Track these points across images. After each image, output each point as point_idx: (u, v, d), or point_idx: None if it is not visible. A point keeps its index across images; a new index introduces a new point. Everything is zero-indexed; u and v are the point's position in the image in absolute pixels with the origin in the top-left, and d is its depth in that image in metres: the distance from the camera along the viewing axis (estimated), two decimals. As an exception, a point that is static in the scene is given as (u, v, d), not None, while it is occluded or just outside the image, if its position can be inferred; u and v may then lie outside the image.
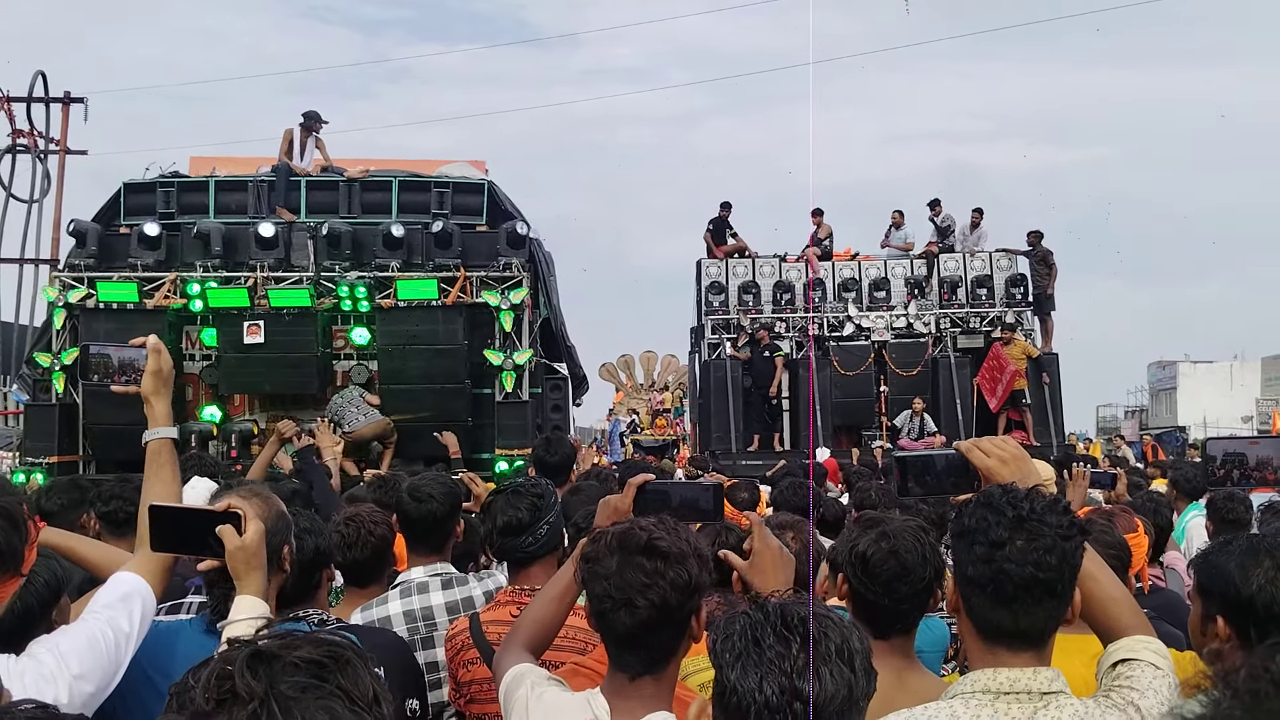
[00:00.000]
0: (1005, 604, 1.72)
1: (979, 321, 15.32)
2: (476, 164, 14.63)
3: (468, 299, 11.80)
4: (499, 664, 2.19)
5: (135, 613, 2.14)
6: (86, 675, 1.96)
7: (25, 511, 1.94)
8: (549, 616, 2.23)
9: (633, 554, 1.90)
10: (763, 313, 15.48)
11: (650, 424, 27.55)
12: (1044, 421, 14.72)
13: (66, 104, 19.94)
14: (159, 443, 2.45)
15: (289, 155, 12.70)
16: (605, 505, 2.23)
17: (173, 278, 11.89)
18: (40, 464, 11.66)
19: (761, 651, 1.43)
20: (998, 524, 1.73)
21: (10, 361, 18.70)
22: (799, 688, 1.41)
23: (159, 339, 2.54)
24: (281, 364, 11.80)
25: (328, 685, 1.14)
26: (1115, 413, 52.77)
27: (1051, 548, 1.71)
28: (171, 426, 2.50)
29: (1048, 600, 1.73)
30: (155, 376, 2.48)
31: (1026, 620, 1.73)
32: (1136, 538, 3.46)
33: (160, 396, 2.49)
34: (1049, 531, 1.72)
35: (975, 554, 1.74)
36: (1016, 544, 1.71)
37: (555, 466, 5.02)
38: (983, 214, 16.34)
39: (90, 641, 2.01)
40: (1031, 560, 1.70)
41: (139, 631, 2.14)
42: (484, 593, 3.23)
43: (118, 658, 2.05)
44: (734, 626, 1.48)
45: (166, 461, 2.44)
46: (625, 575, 1.89)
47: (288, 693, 1.12)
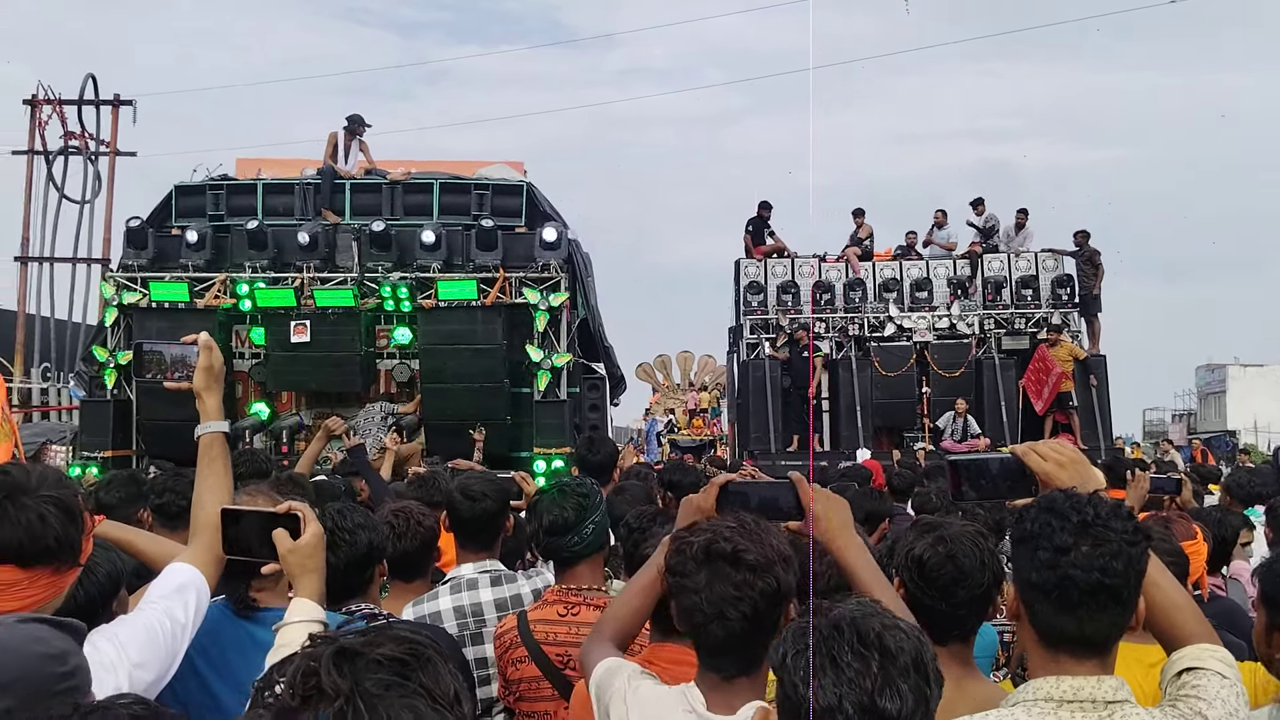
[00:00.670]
0: (1070, 610, 1.68)
1: (1024, 322, 15.06)
2: (515, 165, 14.70)
3: (507, 299, 11.89)
4: (586, 657, 2.19)
5: (190, 603, 2.18)
6: (145, 664, 2.00)
7: (81, 504, 1.98)
8: (635, 610, 2.22)
9: (720, 565, 1.90)
10: (802, 313, 15.34)
11: (687, 424, 27.49)
12: (1091, 424, 14.43)
13: (116, 106, 20.31)
14: (211, 436, 2.49)
15: (333, 158, 12.87)
16: (688, 504, 2.21)
17: (222, 278, 12.12)
18: (95, 458, 11.94)
19: (839, 669, 1.41)
20: (1062, 529, 1.69)
21: (65, 358, 19.10)
22: (880, 706, 1.39)
23: (210, 336, 2.59)
24: (326, 362, 11.99)
25: (410, 683, 1.15)
26: (1162, 416, 51.77)
27: (1117, 553, 1.67)
28: (223, 421, 2.54)
29: (1113, 607, 1.69)
30: (207, 373, 2.52)
31: (1091, 627, 1.69)
32: (1194, 545, 3.38)
33: (212, 392, 2.52)
34: (1115, 537, 1.68)
35: (1039, 560, 1.70)
36: (1082, 549, 1.67)
37: (598, 466, 5.02)
38: (1028, 215, 16.08)
39: (148, 631, 2.05)
40: (1098, 566, 1.66)
41: (194, 621, 2.18)
42: (532, 590, 3.24)
43: (174, 647, 2.10)
44: (805, 640, 1.44)
45: (219, 455, 2.48)
46: (715, 589, 1.88)
47: (372, 690, 1.12)
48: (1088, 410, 14.52)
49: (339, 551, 2.70)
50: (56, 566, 1.92)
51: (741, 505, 2.18)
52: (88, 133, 20.22)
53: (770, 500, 2.17)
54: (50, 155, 19.99)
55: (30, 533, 1.87)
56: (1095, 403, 14.57)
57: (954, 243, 16.10)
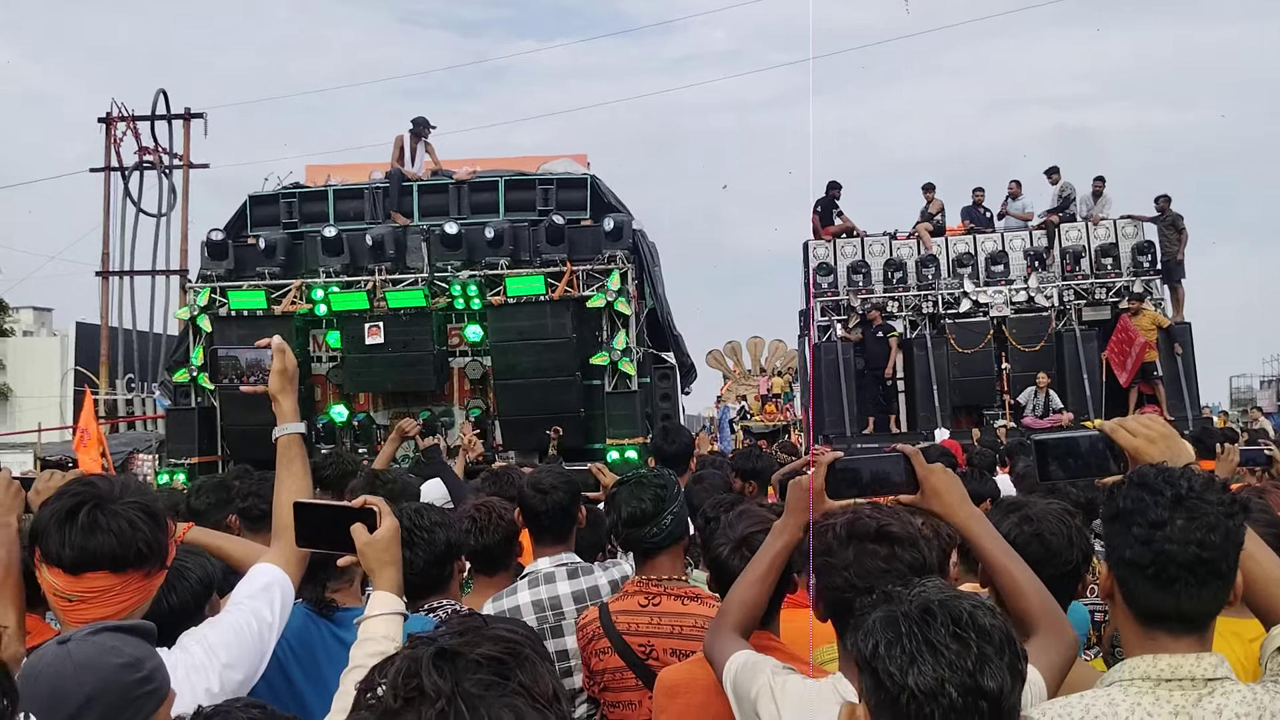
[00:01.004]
0: (1167, 586, 1.64)
1: (1105, 292, 14.58)
2: (579, 158, 14.75)
3: (575, 292, 11.95)
4: (712, 649, 2.19)
5: (276, 602, 2.22)
6: (235, 664, 2.04)
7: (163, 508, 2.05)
8: (754, 598, 2.22)
9: (866, 542, 1.92)
10: (873, 292, 15.04)
11: (760, 410, 27.35)
12: (1177, 394, 13.97)
13: (188, 120, 20.87)
14: (289, 438, 2.52)
15: (400, 161, 13.07)
16: (796, 487, 2.18)
17: (298, 284, 12.40)
18: (181, 464, 12.32)
19: (937, 652, 1.38)
20: (1156, 504, 1.65)
21: (149, 368, 19.74)
22: (983, 686, 1.36)
23: (282, 339, 2.62)
24: (400, 362, 12.21)
25: (510, 683, 1.15)
26: (1250, 383, 49.94)
27: (1215, 526, 1.63)
28: (299, 422, 2.57)
29: (1212, 581, 1.64)
30: (281, 375, 2.55)
31: (1190, 603, 1.65)
32: (1291, 514, 3.26)
33: (287, 394, 2.55)
34: (1210, 509, 1.63)
35: (1133, 536, 1.66)
36: (1177, 524, 1.63)
37: (674, 456, 5.02)
38: (1104, 182, 15.43)
39: (236, 632, 2.09)
40: (1195, 540, 1.62)
41: (280, 620, 2.23)
42: (609, 581, 3.25)
43: (262, 646, 2.14)
44: (898, 628, 1.42)
45: (296, 455, 2.51)
46: (864, 563, 1.90)
47: (473, 690, 1.13)
48: (1173, 380, 14.07)
49: (417, 549, 2.75)
50: (147, 570, 1.98)
51: (852, 481, 2.15)
52: (161, 147, 20.80)
53: (882, 474, 2.13)
54: (126, 171, 20.63)
55: (121, 539, 1.93)
56: (1181, 372, 14.10)
57: (1030, 213, 15.63)
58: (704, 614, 2.73)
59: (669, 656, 2.72)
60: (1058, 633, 1.98)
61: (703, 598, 2.78)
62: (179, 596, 2.30)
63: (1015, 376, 14.34)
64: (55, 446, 17.40)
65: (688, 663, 2.49)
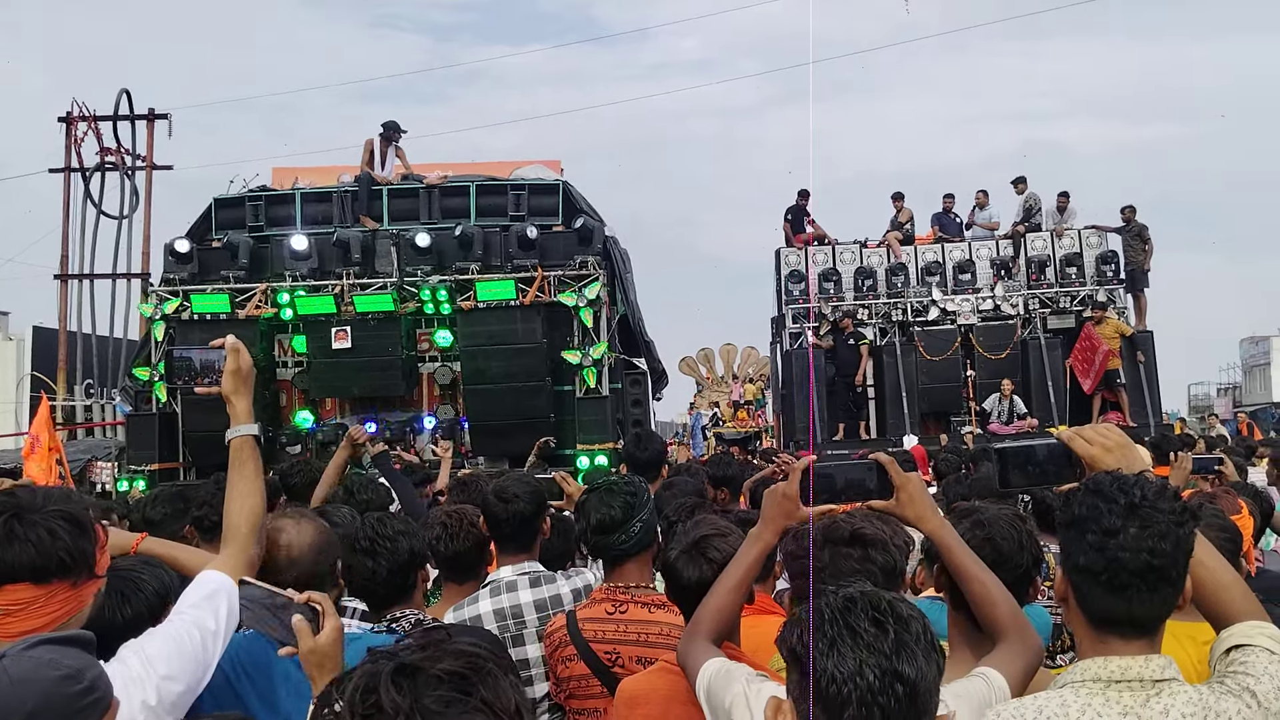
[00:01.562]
0: (1119, 592, 1.68)
1: (1069, 301, 14.84)
2: (551, 164, 14.74)
3: (546, 298, 11.94)
4: (686, 657, 2.19)
5: (221, 610, 2.17)
6: (174, 675, 1.99)
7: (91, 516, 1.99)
8: (728, 606, 2.23)
9: (840, 545, 1.99)
10: (844, 300, 15.21)
11: (732, 416, 27.40)
12: (1140, 401, 14.26)
13: (151, 120, 20.53)
14: (241, 440, 2.49)
15: (370, 165, 13.00)
16: (772, 495, 2.20)
17: (263, 288, 12.27)
18: (141, 471, 12.15)
19: (857, 636, 1.44)
20: (1110, 511, 1.69)
21: (108, 374, 19.44)
22: (899, 669, 1.41)
23: (236, 339, 2.59)
24: (369, 368, 12.12)
25: (472, 699, 1.14)
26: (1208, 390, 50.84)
27: (1165, 534, 1.67)
28: (253, 424, 2.54)
29: (1163, 587, 1.68)
30: (234, 376, 2.52)
31: (1141, 608, 1.69)
32: (1241, 519, 3.34)
33: (240, 395, 2.52)
34: (1162, 518, 1.67)
35: (1088, 542, 1.70)
36: (1130, 531, 1.67)
37: (646, 462, 5.01)
38: (1069, 197, 15.74)
39: (177, 642, 2.04)
40: (1147, 548, 1.66)
41: (226, 628, 2.18)
42: (571, 590, 3.25)
43: (205, 657, 2.08)
44: (821, 615, 1.47)
45: (249, 458, 2.48)
46: (838, 565, 1.98)
47: (432, 707, 1.12)
48: (1136, 387, 14.32)
49: (380, 559, 2.74)
50: (73, 581, 1.93)
51: (827, 487, 2.18)
52: (124, 148, 20.48)
53: (857, 481, 2.16)
54: (87, 172, 20.29)
55: (40, 549, 1.88)
56: (1144, 379, 14.37)
57: (996, 223, 15.86)
58: (671, 622, 2.74)
59: (635, 664, 2.73)
60: (1024, 639, 2.03)
61: (669, 605, 2.79)
62: (134, 608, 2.26)
63: (981, 383, 14.54)
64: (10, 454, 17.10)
65: (648, 672, 2.49)
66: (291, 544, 2.49)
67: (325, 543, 2.54)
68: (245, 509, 2.41)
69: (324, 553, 2.53)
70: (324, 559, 2.53)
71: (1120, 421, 13.45)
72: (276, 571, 2.43)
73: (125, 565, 2.37)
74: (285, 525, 2.53)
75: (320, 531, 2.56)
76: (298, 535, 2.51)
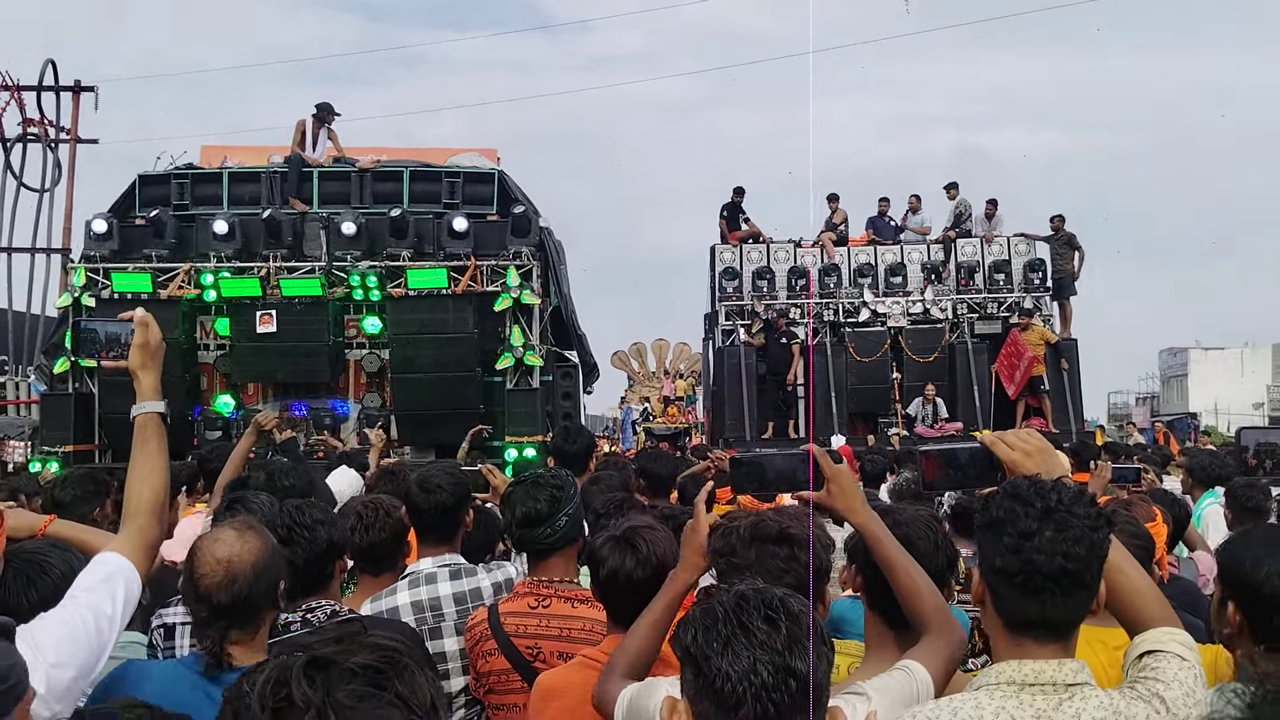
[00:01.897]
0: (1033, 595, 1.71)
1: (996, 307, 15.09)
2: (488, 153, 14.59)
3: (478, 288, 11.83)
4: (603, 696, 2.17)
5: (119, 593, 2.11)
6: (64, 663, 1.93)
7: None
8: (646, 647, 2.20)
9: (768, 543, 2.00)
10: (777, 298, 15.28)
11: (662, 412, 27.52)
12: (1063, 408, 14.49)
13: (77, 93, 19.98)
14: (145, 417, 2.41)
15: (301, 146, 12.73)
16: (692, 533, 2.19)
17: (186, 268, 11.96)
18: (55, 453, 11.75)
19: (750, 634, 1.44)
20: (1026, 515, 1.71)
21: (25, 351, 18.81)
22: (792, 665, 1.43)
23: (145, 312, 2.51)
24: (294, 353, 11.89)
25: (385, 694, 1.12)
26: (1127, 399, 52.60)
27: (1080, 538, 1.70)
28: (159, 401, 2.45)
29: (1076, 591, 1.71)
30: (142, 350, 2.45)
31: (1055, 611, 1.72)
32: (1155, 526, 3.43)
33: (148, 370, 2.45)
34: (1077, 522, 1.70)
35: (1004, 545, 1.72)
36: (1045, 535, 1.70)
37: (574, 456, 4.98)
38: (997, 205, 16.06)
39: (69, 628, 1.98)
40: (1060, 551, 1.69)
41: (123, 612, 2.11)
42: (492, 584, 3.22)
43: (100, 641, 2.03)
44: (714, 614, 1.48)
45: (153, 435, 2.40)
46: (765, 563, 1.99)
47: (345, 701, 1.10)
48: (1059, 394, 14.57)
49: (297, 547, 2.65)
50: None
51: (755, 476, 2.19)
52: (47, 120, 19.87)
53: (786, 472, 2.17)
54: (8, 143, 19.63)
55: None
56: (1067, 387, 14.64)
57: (928, 227, 16.08)
58: (593, 617, 2.73)
59: (556, 659, 2.71)
60: (948, 632, 2.06)
61: (592, 601, 2.77)
62: (40, 592, 2.19)
63: (909, 386, 14.73)
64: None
65: (565, 667, 2.48)
66: (231, 559, 2.22)
67: (268, 561, 2.27)
68: (147, 488, 2.33)
69: (265, 573, 2.25)
70: (264, 579, 2.25)
71: (1043, 427, 13.69)
72: (210, 590, 2.19)
73: (32, 548, 2.30)
74: (226, 536, 2.26)
75: (265, 547, 2.28)
76: (240, 549, 2.24)
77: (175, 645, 2.99)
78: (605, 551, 2.46)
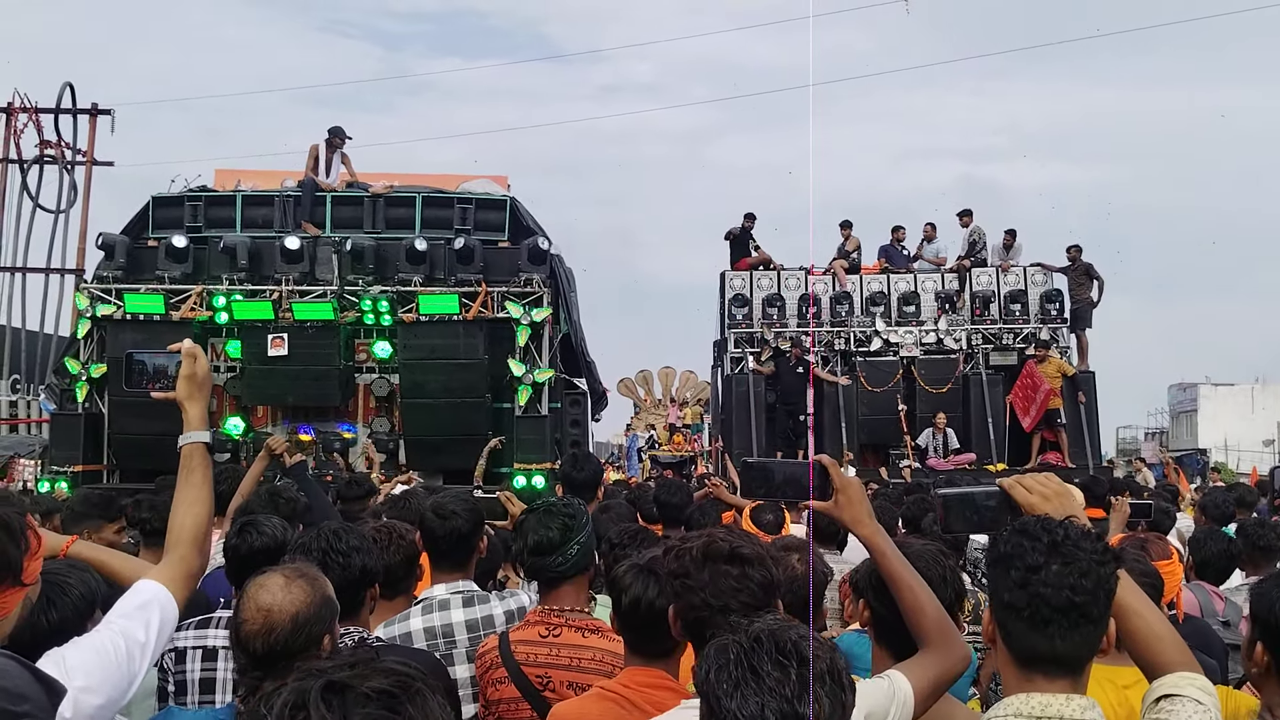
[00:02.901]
0: (1041, 628, 1.72)
1: (1012, 338, 14.77)
2: (499, 179, 14.70)
3: (489, 314, 11.87)
4: None
5: (153, 622, 2.12)
6: (94, 687, 1.93)
7: (27, 522, 1.92)
8: None
9: (720, 563, 2.02)
10: (787, 326, 14.99)
11: (668, 439, 27.50)
12: (1079, 442, 14.14)
13: (94, 115, 20.15)
14: (191, 447, 2.44)
15: (314, 170, 12.83)
16: None
17: (199, 290, 12.03)
18: (65, 472, 11.78)
19: (760, 678, 1.45)
20: (1033, 549, 1.74)
21: (36, 370, 18.89)
22: (800, 712, 1.44)
23: (194, 344, 2.55)
24: (304, 376, 11.91)
25: (399, 717, 1.15)
26: (1135, 434, 52.26)
27: (1086, 572, 1.72)
28: (205, 431, 2.49)
29: (1084, 624, 1.72)
30: (189, 381, 2.48)
31: (1064, 645, 1.73)
32: (1170, 565, 3.41)
33: (194, 401, 2.48)
34: (1084, 556, 1.73)
35: (1011, 579, 1.75)
36: (1052, 568, 1.72)
37: (583, 483, 4.99)
38: (1015, 235, 15.67)
39: (100, 653, 1.98)
40: (1067, 584, 1.71)
41: (156, 641, 2.12)
42: (504, 611, 3.22)
43: (131, 669, 2.03)
44: (727, 655, 1.49)
45: (198, 466, 2.43)
46: (718, 583, 2.00)
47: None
48: (1075, 428, 14.21)
49: (331, 572, 2.67)
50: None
51: (764, 481, 2.21)
52: (64, 142, 20.06)
53: (795, 478, 2.19)
54: (25, 164, 19.81)
55: None
56: (1084, 420, 14.27)
57: (943, 257, 15.73)
58: (604, 647, 2.73)
59: (566, 689, 2.70)
60: (947, 649, 2.08)
61: (604, 631, 2.77)
62: (59, 613, 2.20)
63: (920, 417, 14.36)
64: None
65: (582, 698, 2.47)
66: (272, 609, 2.16)
67: (312, 614, 2.18)
68: (190, 518, 2.35)
69: (306, 625, 2.17)
70: (304, 632, 2.17)
71: (1059, 461, 13.47)
72: (248, 637, 2.15)
73: (52, 569, 2.30)
74: (272, 584, 2.20)
75: (310, 599, 2.19)
76: (282, 599, 2.17)
77: (186, 669, 3.00)
78: (629, 580, 2.44)
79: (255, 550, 2.99)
